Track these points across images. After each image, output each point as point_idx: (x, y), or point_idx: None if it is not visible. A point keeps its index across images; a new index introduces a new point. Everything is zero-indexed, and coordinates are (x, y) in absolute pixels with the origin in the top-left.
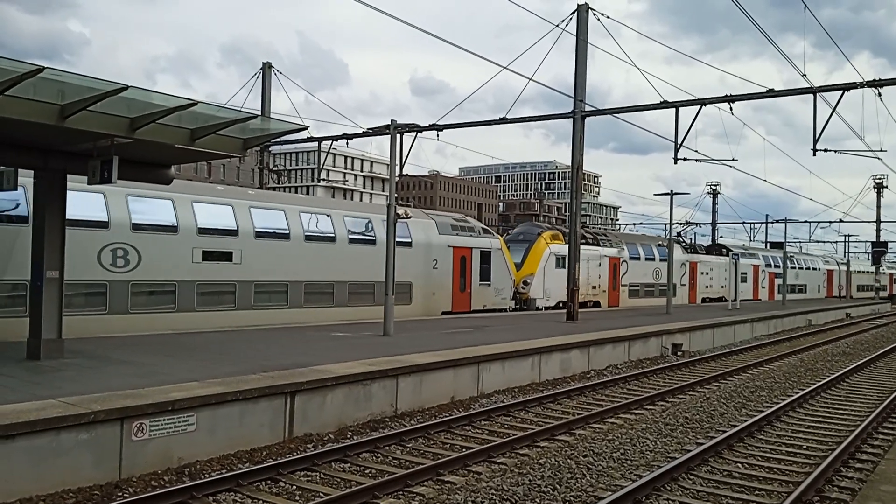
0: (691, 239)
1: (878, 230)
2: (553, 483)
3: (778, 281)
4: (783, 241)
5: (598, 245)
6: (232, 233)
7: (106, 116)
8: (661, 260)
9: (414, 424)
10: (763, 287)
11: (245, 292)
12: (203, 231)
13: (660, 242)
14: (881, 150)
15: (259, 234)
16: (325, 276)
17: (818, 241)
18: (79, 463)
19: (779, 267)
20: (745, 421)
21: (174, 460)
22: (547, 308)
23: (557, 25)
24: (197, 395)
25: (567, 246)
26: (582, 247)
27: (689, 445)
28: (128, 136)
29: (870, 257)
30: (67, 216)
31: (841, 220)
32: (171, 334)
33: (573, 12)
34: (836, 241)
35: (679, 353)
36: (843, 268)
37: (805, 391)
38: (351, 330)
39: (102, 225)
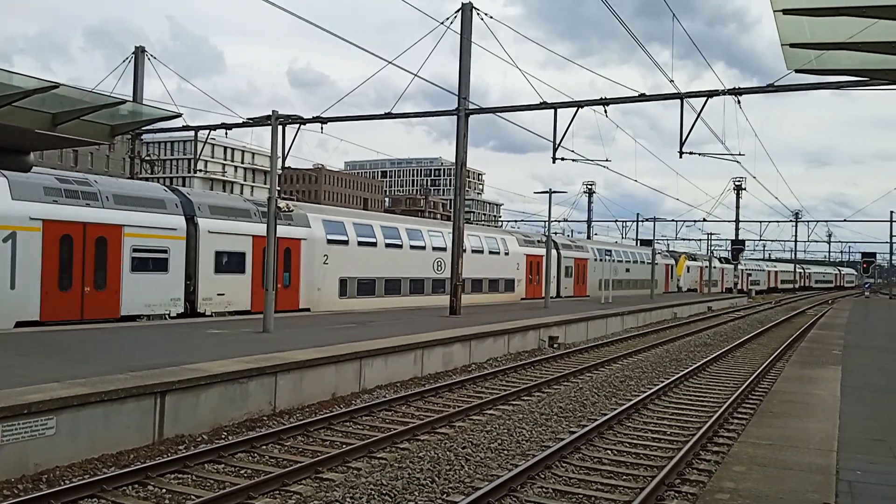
0: (569, 235)
1: (737, 229)
2: (432, 475)
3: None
4: (652, 238)
5: (722, 262)
6: (628, 262)
7: None
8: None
9: (293, 422)
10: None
11: (630, 285)
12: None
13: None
14: (740, 154)
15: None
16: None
17: (684, 239)
18: None
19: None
20: (615, 409)
21: (30, 467)
22: (681, 290)
23: (442, 23)
24: (57, 396)
25: (706, 262)
26: (723, 264)
27: (562, 434)
28: None
29: (729, 254)
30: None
31: (704, 220)
32: (35, 333)
33: (457, 11)
34: (700, 239)
35: (555, 346)
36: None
37: (670, 380)
38: (228, 327)
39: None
